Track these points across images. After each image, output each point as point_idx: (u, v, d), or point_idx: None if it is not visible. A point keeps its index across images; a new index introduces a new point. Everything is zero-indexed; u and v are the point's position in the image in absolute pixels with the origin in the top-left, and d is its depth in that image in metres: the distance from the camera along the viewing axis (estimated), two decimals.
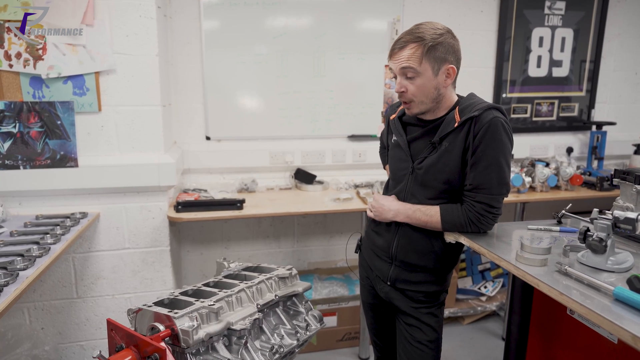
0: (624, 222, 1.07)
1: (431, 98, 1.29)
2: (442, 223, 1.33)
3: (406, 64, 1.26)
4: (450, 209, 1.33)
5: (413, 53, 1.24)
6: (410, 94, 1.29)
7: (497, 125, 1.24)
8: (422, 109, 1.32)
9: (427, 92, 1.28)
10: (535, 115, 2.91)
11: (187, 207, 2.08)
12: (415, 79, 1.27)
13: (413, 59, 1.25)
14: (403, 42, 1.26)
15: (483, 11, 2.71)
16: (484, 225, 1.32)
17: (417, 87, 1.28)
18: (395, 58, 1.28)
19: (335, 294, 2.54)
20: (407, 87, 1.29)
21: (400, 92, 1.31)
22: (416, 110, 1.33)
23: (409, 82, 1.28)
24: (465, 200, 1.32)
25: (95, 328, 2.18)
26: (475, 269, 2.90)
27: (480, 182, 1.27)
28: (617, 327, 0.85)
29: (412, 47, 1.24)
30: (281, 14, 2.44)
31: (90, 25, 1.90)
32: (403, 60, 1.26)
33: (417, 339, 1.41)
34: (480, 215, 1.30)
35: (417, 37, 1.24)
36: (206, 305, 1.06)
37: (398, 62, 1.27)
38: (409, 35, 1.26)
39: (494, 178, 1.27)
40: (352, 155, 2.66)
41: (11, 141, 1.92)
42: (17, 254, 1.43)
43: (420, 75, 1.26)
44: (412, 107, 1.32)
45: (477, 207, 1.29)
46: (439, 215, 1.33)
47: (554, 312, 1.46)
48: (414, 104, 1.31)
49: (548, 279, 1.06)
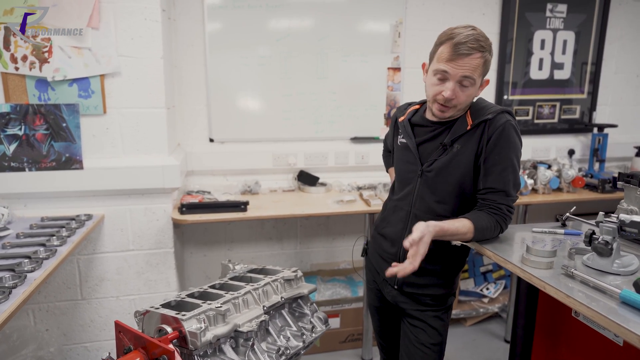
0: (629, 225, 1.08)
1: (467, 105, 1.31)
2: (475, 232, 1.27)
3: (469, 74, 1.21)
4: (476, 216, 1.29)
5: (478, 64, 1.20)
6: (457, 101, 1.26)
7: (510, 128, 1.26)
8: (456, 114, 1.31)
9: (469, 100, 1.29)
10: (537, 118, 2.92)
11: (191, 209, 2.09)
12: (469, 88, 1.24)
13: (477, 69, 1.21)
14: (469, 49, 1.19)
15: (485, 14, 2.72)
16: (506, 226, 1.34)
17: (467, 96, 1.26)
18: (458, 63, 1.20)
19: (338, 295, 2.54)
20: (458, 94, 1.24)
21: (450, 98, 1.25)
22: (449, 114, 1.30)
23: (461, 90, 1.24)
24: (484, 204, 1.31)
25: (99, 329, 2.19)
26: (477, 271, 2.91)
27: (499, 185, 1.28)
28: (624, 330, 0.86)
29: (477, 56, 1.20)
30: (284, 16, 2.45)
31: (95, 28, 1.91)
32: (467, 69, 1.20)
33: (420, 340, 1.41)
34: (505, 216, 1.31)
35: (482, 47, 1.20)
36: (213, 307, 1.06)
37: (460, 69, 1.21)
38: (473, 42, 1.19)
39: (510, 180, 1.29)
40: (354, 157, 2.66)
41: (17, 143, 1.93)
42: (24, 256, 1.44)
43: (474, 85, 1.24)
44: (448, 112, 1.29)
45: (503, 209, 1.30)
46: (470, 224, 1.26)
47: (558, 315, 1.47)
48: (453, 110, 1.29)
49: (554, 281, 1.06)
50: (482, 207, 1.32)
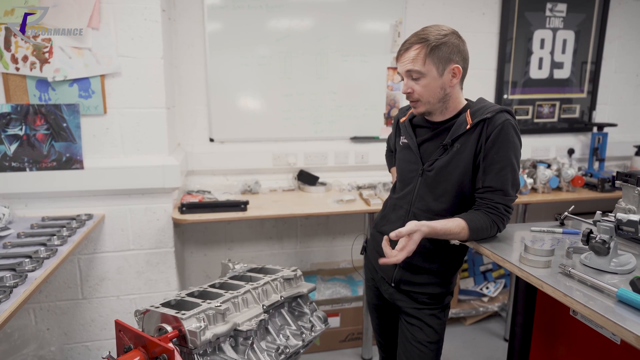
0: (626, 224, 1.08)
1: (438, 97, 1.31)
2: (470, 232, 1.28)
3: (410, 66, 1.29)
4: (472, 216, 1.30)
5: (417, 54, 1.27)
6: (416, 94, 1.31)
7: (509, 127, 1.27)
8: (429, 108, 1.34)
9: (433, 91, 1.30)
10: (536, 117, 2.92)
11: (191, 208, 2.09)
12: (421, 80, 1.29)
13: (417, 60, 1.27)
14: (408, 44, 1.29)
15: (485, 13, 2.72)
16: (503, 226, 1.35)
17: (423, 87, 1.30)
18: (401, 60, 1.31)
19: (338, 294, 2.55)
20: (413, 87, 1.31)
21: (408, 93, 1.33)
22: (422, 109, 1.34)
23: (415, 83, 1.31)
24: (482, 203, 1.32)
25: (100, 329, 2.20)
26: (477, 270, 2.91)
27: (497, 184, 1.29)
28: (620, 328, 0.86)
29: (416, 48, 1.27)
30: (284, 16, 2.46)
31: (95, 29, 1.92)
32: (407, 62, 1.29)
33: (417, 338, 1.42)
34: (502, 216, 1.31)
35: (421, 39, 1.27)
36: (213, 306, 1.07)
37: (403, 64, 1.31)
38: (413, 37, 1.29)
39: (509, 179, 1.29)
40: (354, 157, 2.67)
41: (17, 143, 1.94)
42: (25, 256, 1.45)
43: (425, 75, 1.28)
44: (418, 107, 1.34)
45: (500, 208, 1.31)
46: (464, 224, 1.27)
47: (557, 313, 1.47)
48: (420, 104, 1.33)
49: (552, 280, 1.07)
50: (479, 206, 1.33)
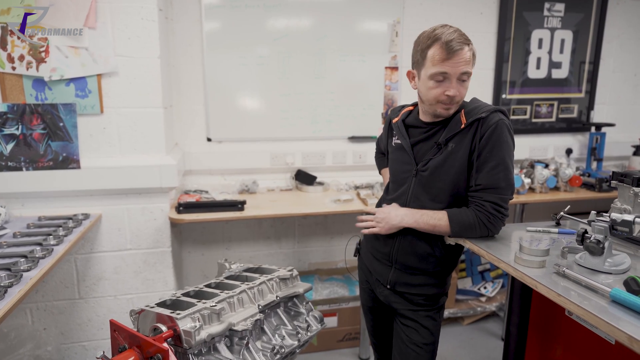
0: (621, 224, 1.08)
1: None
2: (451, 226, 1.30)
3: (466, 68, 1.23)
4: (458, 211, 1.32)
5: (470, 57, 1.22)
6: (460, 96, 1.28)
7: (502, 127, 1.27)
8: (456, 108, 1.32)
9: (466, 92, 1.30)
10: (534, 117, 2.92)
11: (188, 208, 2.09)
12: (466, 82, 1.27)
13: (470, 62, 1.23)
14: (458, 44, 1.20)
15: (483, 13, 2.72)
16: (494, 227, 1.31)
17: (466, 90, 1.28)
18: (455, 61, 1.21)
19: (335, 294, 2.55)
20: (461, 90, 1.26)
21: (453, 96, 1.26)
22: (453, 110, 1.32)
23: (461, 86, 1.26)
24: (473, 201, 1.31)
25: (97, 328, 2.20)
26: (475, 270, 2.91)
27: (488, 182, 1.28)
28: (613, 328, 0.86)
29: (467, 50, 1.22)
30: (282, 15, 2.45)
31: (92, 28, 1.91)
32: (463, 64, 1.22)
33: (412, 340, 1.41)
34: (490, 214, 1.29)
35: (467, 40, 1.22)
36: (208, 306, 1.07)
37: (457, 65, 1.21)
38: (460, 37, 1.21)
39: (501, 178, 1.28)
40: (352, 157, 2.67)
41: (14, 143, 1.93)
42: (21, 255, 1.45)
43: (469, 78, 1.27)
44: (452, 109, 1.31)
45: (486, 206, 1.29)
46: (447, 218, 1.30)
47: (552, 313, 1.47)
48: (455, 106, 1.30)
49: (546, 280, 1.07)
50: (470, 204, 1.33)
